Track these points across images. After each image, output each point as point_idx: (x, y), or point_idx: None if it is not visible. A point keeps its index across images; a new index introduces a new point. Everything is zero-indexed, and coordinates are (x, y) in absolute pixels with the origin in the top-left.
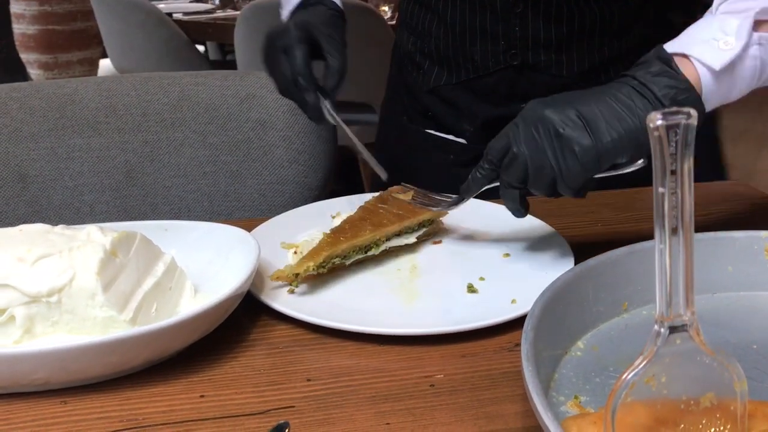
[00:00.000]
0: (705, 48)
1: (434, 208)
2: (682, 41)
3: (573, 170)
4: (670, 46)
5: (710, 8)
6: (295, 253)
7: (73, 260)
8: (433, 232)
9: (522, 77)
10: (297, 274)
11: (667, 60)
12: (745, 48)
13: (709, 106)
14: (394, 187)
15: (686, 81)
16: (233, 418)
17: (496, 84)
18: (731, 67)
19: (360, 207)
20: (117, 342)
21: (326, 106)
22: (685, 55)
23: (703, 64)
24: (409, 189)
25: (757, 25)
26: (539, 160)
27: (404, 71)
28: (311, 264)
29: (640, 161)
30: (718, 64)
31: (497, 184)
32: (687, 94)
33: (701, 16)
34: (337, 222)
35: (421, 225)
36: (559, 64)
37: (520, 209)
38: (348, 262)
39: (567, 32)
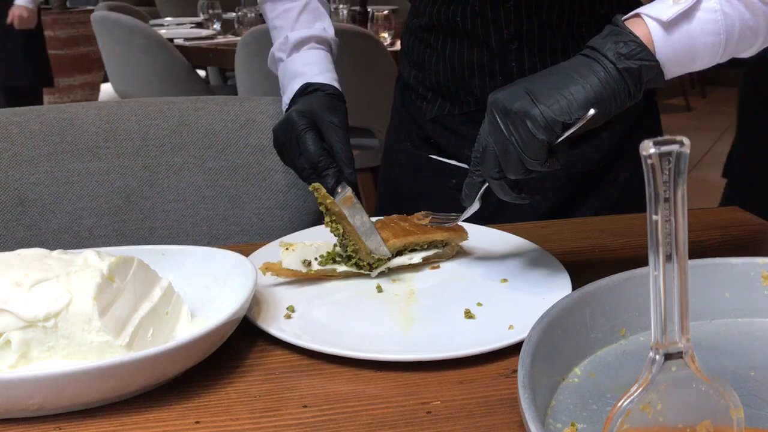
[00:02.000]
0: (657, 4)
1: (446, 224)
2: (639, 6)
3: (529, 141)
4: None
5: None
6: (287, 249)
7: (70, 285)
8: (448, 255)
9: None
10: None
11: (616, 22)
12: (698, 2)
13: (669, 67)
14: (418, 213)
15: (632, 34)
16: None
17: None
18: (685, 19)
19: (378, 219)
20: (113, 367)
21: (348, 191)
22: (637, 15)
23: (652, 18)
24: (431, 214)
25: None
26: (501, 142)
27: (407, 100)
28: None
29: (591, 111)
30: (666, 15)
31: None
32: (633, 45)
33: None
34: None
35: (431, 245)
36: None
37: (518, 197)
38: (339, 269)
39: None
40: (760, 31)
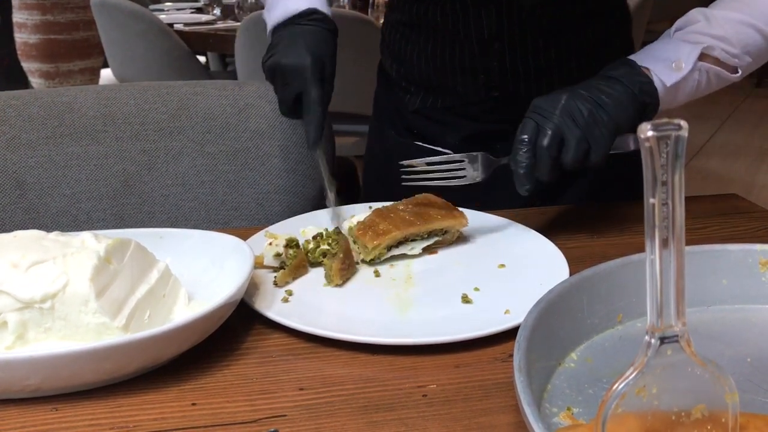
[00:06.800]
0: (662, 66)
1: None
2: (644, 55)
3: (604, 141)
4: (635, 57)
5: (668, 30)
6: (270, 245)
7: (67, 266)
8: (447, 242)
9: (504, 105)
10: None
11: (632, 63)
12: (691, 72)
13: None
14: (420, 195)
15: (649, 76)
16: (224, 426)
17: (480, 112)
18: (677, 83)
19: (376, 209)
20: (109, 348)
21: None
22: (647, 68)
23: (659, 79)
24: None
25: (702, 56)
26: (577, 135)
27: (390, 92)
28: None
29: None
30: (669, 81)
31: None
32: (651, 86)
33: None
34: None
35: (431, 234)
36: (539, 91)
37: (529, 185)
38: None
39: (545, 62)
40: (728, 82)
